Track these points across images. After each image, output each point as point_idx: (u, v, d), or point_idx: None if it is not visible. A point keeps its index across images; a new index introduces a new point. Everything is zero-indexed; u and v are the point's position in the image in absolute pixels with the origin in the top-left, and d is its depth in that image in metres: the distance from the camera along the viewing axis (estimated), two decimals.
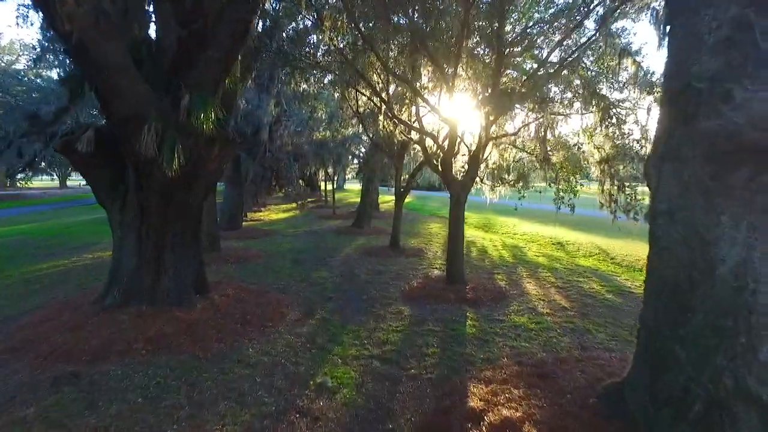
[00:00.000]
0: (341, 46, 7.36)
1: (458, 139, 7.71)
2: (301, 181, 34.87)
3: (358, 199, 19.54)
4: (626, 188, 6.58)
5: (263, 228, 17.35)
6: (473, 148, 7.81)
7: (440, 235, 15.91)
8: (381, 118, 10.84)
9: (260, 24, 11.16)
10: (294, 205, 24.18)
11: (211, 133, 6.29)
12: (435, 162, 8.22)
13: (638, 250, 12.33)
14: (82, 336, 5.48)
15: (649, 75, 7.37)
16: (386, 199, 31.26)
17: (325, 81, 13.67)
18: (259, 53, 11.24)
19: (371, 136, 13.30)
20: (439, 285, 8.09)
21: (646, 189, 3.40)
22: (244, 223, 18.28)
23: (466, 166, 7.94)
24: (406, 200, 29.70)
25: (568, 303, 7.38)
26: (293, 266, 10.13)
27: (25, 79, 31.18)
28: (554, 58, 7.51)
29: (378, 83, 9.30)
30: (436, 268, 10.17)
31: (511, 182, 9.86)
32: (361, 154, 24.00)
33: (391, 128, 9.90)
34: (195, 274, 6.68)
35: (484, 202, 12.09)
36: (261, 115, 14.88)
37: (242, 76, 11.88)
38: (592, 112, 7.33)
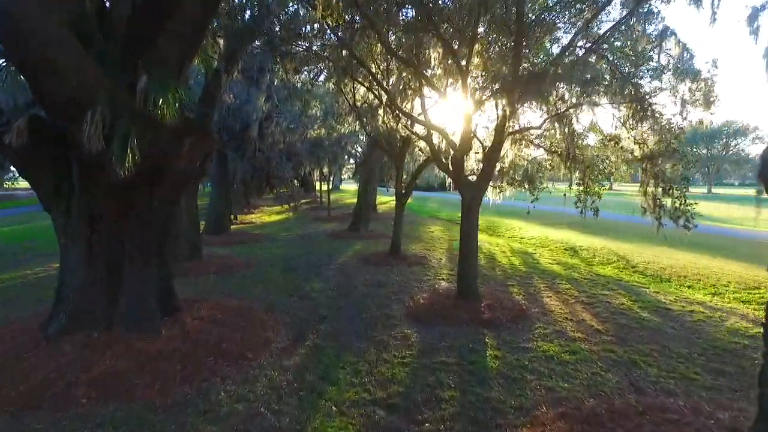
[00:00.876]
0: (337, 24, 6.30)
1: (472, 134, 6.68)
2: (295, 182, 33.81)
3: (355, 200, 18.50)
4: (674, 191, 5.56)
5: (253, 232, 16.25)
6: (488, 144, 6.79)
7: (443, 239, 14.89)
8: (381, 112, 9.81)
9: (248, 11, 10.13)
10: (287, 206, 23.10)
11: (180, 125, 5.22)
12: (444, 161, 7.18)
13: (659, 257, 11.37)
14: (16, 374, 4.41)
15: (691, 60, 6.38)
16: (384, 200, 30.20)
17: (320, 69, 12.64)
18: (245, 39, 10.19)
19: (369, 133, 12.24)
20: (449, 301, 7.05)
21: (693, 192, 2.35)
22: (232, 227, 17.18)
23: (481, 165, 6.92)
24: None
25: (600, 324, 6.36)
26: (283, 276, 9.06)
27: None
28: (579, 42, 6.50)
29: (378, 72, 8.26)
30: (443, 278, 9.13)
31: (526, 184, 8.84)
32: (358, 154, 22.94)
33: (393, 123, 8.86)
34: (161, 293, 5.60)
35: (486, 203, 11.10)
36: (250, 110, 13.81)
37: (228, 66, 10.84)
38: (624, 103, 6.32)
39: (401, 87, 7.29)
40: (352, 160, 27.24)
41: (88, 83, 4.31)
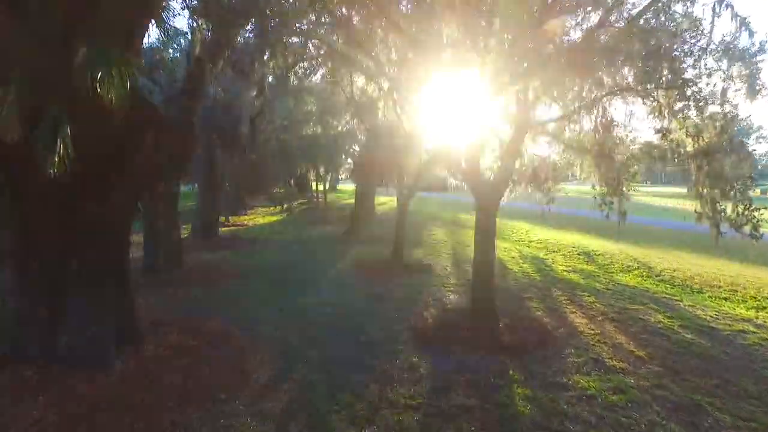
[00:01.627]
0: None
1: (489, 127, 5.75)
2: (291, 182, 32.74)
3: (352, 201, 17.55)
4: (737, 194, 4.62)
5: (245, 235, 15.25)
6: (507, 139, 5.85)
7: (446, 243, 13.94)
8: (381, 104, 8.87)
9: None
10: (287, 206, 22.09)
11: (138, 112, 4.27)
12: (455, 158, 6.23)
13: (682, 263, 10.46)
14: None
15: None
16: (382, 201, 29.21)
17: (317, 62, 11.70)
18: (233, 22, 9.23)
19: (368, 128, 11.29)
20: (461, 320, 6.10)
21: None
22: (224, 229, 16.20)
23: (499, 163, 5.98)
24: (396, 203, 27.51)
25: (641, 348, 5.42)
26: (272, 289, 8.08)
27: None
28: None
29: (379, 54, 7.27)
30: (451, 289, 8.18)
31: (545, 184, 7.91)
32: (356, 153, 21.98)
33: (395, 115, 7.91)
34: (119, 319, 4.63)
35: None
36: (240, 106, 12.82)
37: (212, 56, 9.87)
38: (672, 87, 5.35)
39: (406, 73, 6.32)
40: (349, 160, 26.26)
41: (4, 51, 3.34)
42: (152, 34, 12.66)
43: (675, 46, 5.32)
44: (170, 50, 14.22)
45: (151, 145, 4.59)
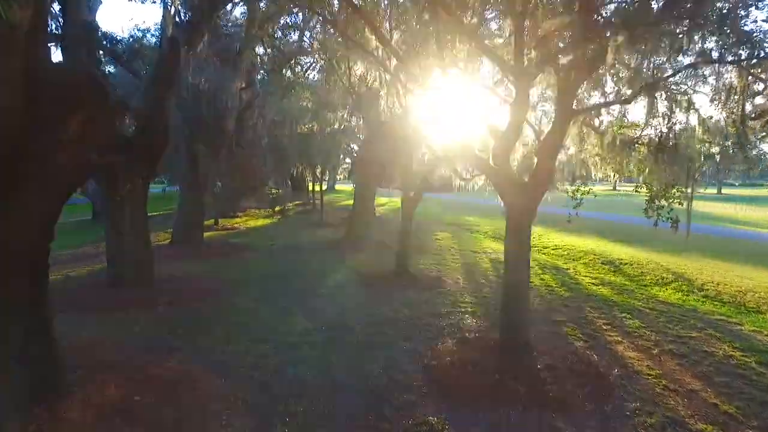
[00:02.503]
0: None
1: (527, 112, 4.51)
2: (288, 182, 31.39)
3: (351, 202, 16.30)
4: None
5: (233, 240, 13.98)
6: (545, 130, 4.63)
7: (454, 250, 12.70)
8: (384, 92, 7.62)
9: None
10: (279, 208, 20.79)
11: (55, 83, 3.05)
12: (477, 156, 4.98)
13: (723, 274, 9.25)
14: None
15: None
16: (381, 202, 27.92)
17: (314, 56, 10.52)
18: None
19: (368, 122, 10.05)
20: (487, 358, 4.84)
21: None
22: (211, 234, 14.94)
23: (535, 161, 4.74)
24: (397, 204, 26.37)
25: (725, 399, 4.19)
26: (256, 310, 6.82)
27: None
28: None
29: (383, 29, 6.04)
30: (467, 309, 6.94)
31: (575, 183, 6.72)
32: (354, 151, 20.70)
33: (400, 103, 6.67)
34: (31, 367, 3.38)
35: (488, 204, 9.01)
36: (226, 98, 11.54)
37: (189, 37, 8.61)
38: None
39: (416, 47, 5.07)
40: (348, 159, 24.98)
41: None
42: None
43: None
44: (152, 37, 13.00)
45: (81, 128, 3.34)
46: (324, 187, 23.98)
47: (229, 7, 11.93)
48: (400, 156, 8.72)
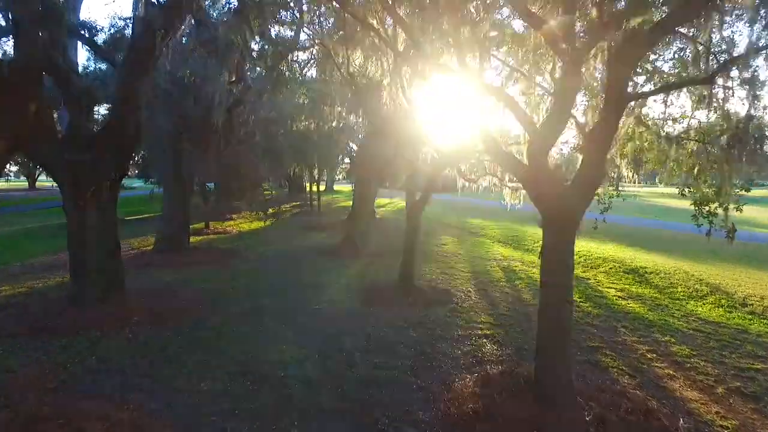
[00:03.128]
0: None
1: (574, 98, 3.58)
2: (285, 182, 30.36)
3: (350, 203, 15.34)
4: None
5: (223, 246, 12.98)
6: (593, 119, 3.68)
7: (461, 257, 11.74)
8: (386, 82, 6.68)
9: None
10: (273, 210, 19.75)
11: None
12: (507, 155, 4.03)
13: (763, 284, 8.32)
14: None
15: None
16: (381, 203, 26.92)
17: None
18: None
19: (368, 116, 9.09)
20: (518, 405, 3.86)
21: None
22: (200, 238, 13.97)
23: (580, 158, 3.79)
24: (399, 205, 25.15)
25: None
26: (240, 332, 5.86)
27: None
28: None
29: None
30: (485, 331, 6.00)
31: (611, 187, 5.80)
32: (353, 150, 19.73)
33: (408, 95, 5.71)
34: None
35: (502, 207, 8.07)
36: (213, 91, 10.56)
37: (166, 20, 7.62)
38: None
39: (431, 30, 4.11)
40: (346, 159, 24.02)
41: None
42: None
43: None
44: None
45: None
46: (322, 188, 23.02)
47: None
48: (404, 151, 7.76)
